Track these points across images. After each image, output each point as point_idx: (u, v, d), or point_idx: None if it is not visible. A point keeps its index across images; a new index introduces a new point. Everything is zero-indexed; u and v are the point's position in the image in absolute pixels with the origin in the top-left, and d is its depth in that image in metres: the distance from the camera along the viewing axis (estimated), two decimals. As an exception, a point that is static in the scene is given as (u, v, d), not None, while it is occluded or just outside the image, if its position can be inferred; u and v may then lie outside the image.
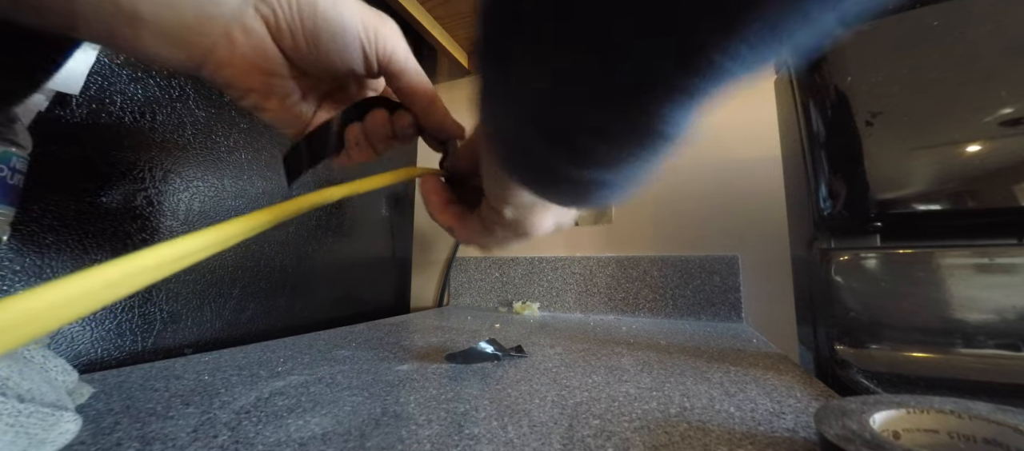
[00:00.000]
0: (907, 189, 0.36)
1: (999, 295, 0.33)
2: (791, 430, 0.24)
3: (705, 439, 0.23)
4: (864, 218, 0.38)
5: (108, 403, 0.27)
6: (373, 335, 0.53)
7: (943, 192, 0.35)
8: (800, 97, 0.44)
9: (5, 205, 0.29)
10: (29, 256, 0.36)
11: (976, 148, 0.34)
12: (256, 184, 0.56)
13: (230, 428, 0.24)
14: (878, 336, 0.36)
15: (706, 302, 0.71)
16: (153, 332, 0.44)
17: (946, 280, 0.34)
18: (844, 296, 0.37)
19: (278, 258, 0.60)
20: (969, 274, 0.34)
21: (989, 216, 0.34)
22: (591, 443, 0.22)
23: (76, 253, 0.39)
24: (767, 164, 0.71)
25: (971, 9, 0.36)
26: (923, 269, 0.35)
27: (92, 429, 0.23)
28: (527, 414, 0.26)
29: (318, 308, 0.67)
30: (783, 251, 0.67)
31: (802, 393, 0.30)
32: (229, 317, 0.52)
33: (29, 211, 0.36)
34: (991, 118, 0.34)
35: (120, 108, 0.42)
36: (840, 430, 0.20)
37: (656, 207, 0.79)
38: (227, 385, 0.31)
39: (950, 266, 0.34)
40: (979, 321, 0.33)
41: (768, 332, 0.66)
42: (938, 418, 0.22)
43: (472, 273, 0.88)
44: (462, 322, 0.65)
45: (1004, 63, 0.34)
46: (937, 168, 0.35)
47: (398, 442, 0.22)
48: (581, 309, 0.79)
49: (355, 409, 0.27)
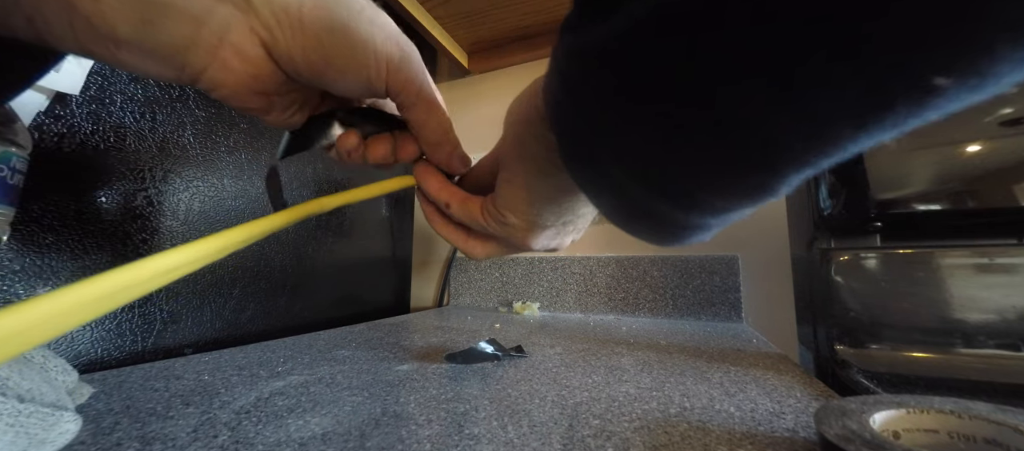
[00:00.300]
0: (907, 189, 0.36)
1: (999, 295, 0.33)
2: (791, 430, 0.24)
3: (705, 439, 0.23)
4: (864, 218, 0.38)
5: (108, 403, 0.27)
6: (373, 335, 0.53)
7: (943, 192, 0.35)
8: (800, 97, 0.44)
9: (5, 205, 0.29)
10: (29, 256, 0.36)
11: (976, 148, 0.34)
12: (256, 184, 0.56)
13: (230, 428, 0.24)
14: (878, 336, 0.36)
15: (706, 302, 0.71)
16: (153, 332, 0.44)
17: (946, 280, 0.34)
18: (844, 296, 0.37)
19: (278, 258, 0.60)
20: (969, 274, 0.34)
21: (989, 216, 0.34)
22: (591, 443, 0.22)
23: (76, 253, 0.39)
24: (767, 164, 0.71)
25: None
26: (923, 269, 0.35)
27: (92, 429, 0.23)
28: (527, 414, 0.26)
29: (318, 308, 0.67)
30: (783, 251, 0.67)
31: (802, 393, 0.30)
32: (229, 317, 0.52)
33: (29, 211, 0.36)
34: (991, 118, 0.34)
35: (120, 108, 0.42)
36: (840, 430, 0.20)
37: (656, 207, 0.79)
38: (227, 385, 0.31)
39: (950, 266, 0.34)
40: (979, 321, 0.33)
41: (768, 332, 0.66)
42: (938, 418, 0.22)
43: (472, 273, 0.88)
44: (462, 322, 0.65)
45: (1004, 63, 0.34)
46: (937, 168, 0.35)
47: (398, 442, 0.22)
48: (581, 309, 0.79)
49: (355, 409, 0.27)
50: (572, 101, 0.14)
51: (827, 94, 0.09)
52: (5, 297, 0.34)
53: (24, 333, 0.12)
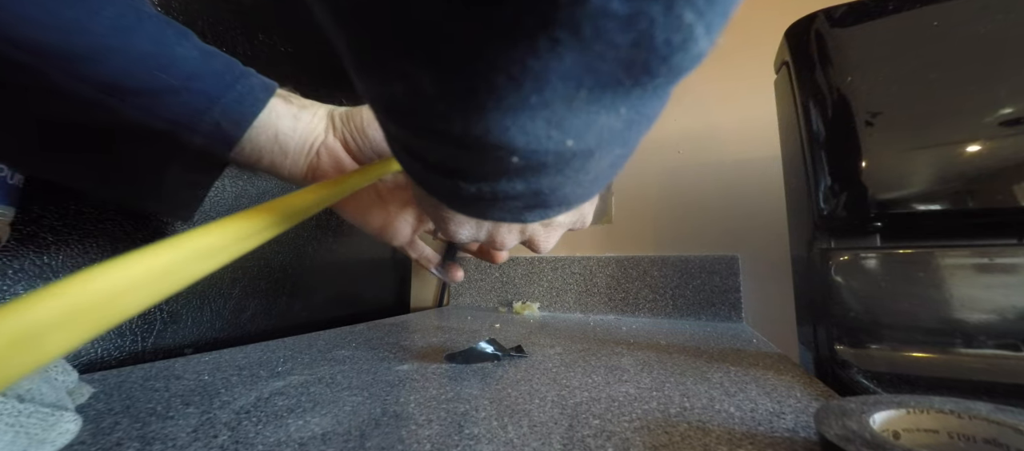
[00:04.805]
0: (907, 189, 0.36)
1: (999, 295, 0.33)
2: (791, 430, 0.24)
3: (705, 439, 0.23)
4: (864, 218, 0.38)
5: (108, 403, 0.27)
6: (373, 335, 0.53)
7: (943, 192, 0.35)
8: (800, 97, 0.44)
9: (5, 205, 0.29)
10: (29, 256, 0.36)
11: (976, 148, 0.34)
12: (256, 184, 0.56)
13: (230, 428, 0.24)
14: (878, 336, 0.36)
15: (706, 302, 0.71)
16: (153, 332, 0.44)
17: (946, 280, 0.34)
18: (844, 296, 0.37)
19: (278, 258, 0.60)
20: (969, 274, 0.34)
21: (989, 216, 0.34)
22: (591, 443, 0.22)
23: (76, 253, 0.39)
24: (767, 164, 0.71)
25: (971, 9, 0.36)
26: (923, 269, 0.35)
27: (92, 429, 0.23)
28: (527, 414, 0.26)
29: (318, 308, 0.67)
30: (783, 251, 0.67)
31: (802, 393, 0.30)
32: (229, 317, 0.52)
33: (29, 211, 0.36)
34: (991, 118, 0.34)
35: (120, 108, 0.42)
36: (840, 430, 0.20)
37: (656, 207, 0.79)
38: (227, 385, 0.31)
39: (950, 266, 0.34)
40: (979, 321, 0.33)
41: (768, 332, 0.66)
42: (938, 418, 0.22)
43: (472, 273, 0.88)
44: (462, 322, 0.65)
45: (1004, 63, 0.34)
46: (937, 168, 0.35)
47: (398, 442, 0.22)
48: (581, 309, 0.79)
49: (355, 409, 0.27)
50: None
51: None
52: (5, 297, 0.34)
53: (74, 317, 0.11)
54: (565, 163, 0.14)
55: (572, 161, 0.14)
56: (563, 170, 0.14)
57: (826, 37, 0.42)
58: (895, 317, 0.35)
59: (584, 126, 0.12)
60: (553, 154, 0.13)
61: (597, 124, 0.12)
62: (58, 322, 0.10)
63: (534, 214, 0.19)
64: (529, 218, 0.19)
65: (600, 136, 0.13)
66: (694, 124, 0.78)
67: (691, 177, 0.77)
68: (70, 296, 0.11)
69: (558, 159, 0.13)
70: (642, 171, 0.80)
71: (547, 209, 0.18)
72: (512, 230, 0.26)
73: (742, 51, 0.75)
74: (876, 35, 0.39)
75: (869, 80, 0.38)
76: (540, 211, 0.18)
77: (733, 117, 0.75)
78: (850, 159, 0.38)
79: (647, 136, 0.15)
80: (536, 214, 0.19)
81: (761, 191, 0.71)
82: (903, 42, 0.38)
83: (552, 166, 0.14)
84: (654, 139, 0.79)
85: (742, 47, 0.75)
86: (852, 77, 0.39)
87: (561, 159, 0.13)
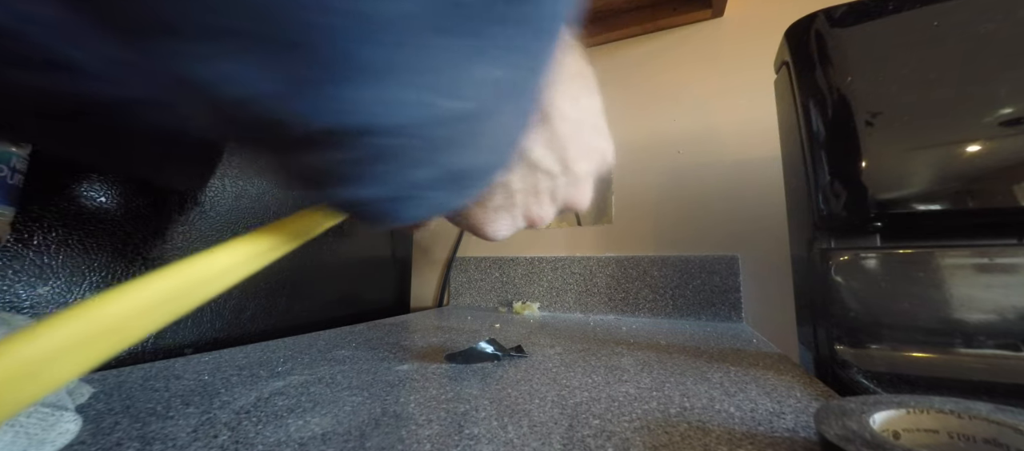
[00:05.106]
0: (907, 189, 0.36)
1: (999, 295, 0.33)
2: (791, 430, 0.24)
3: (705, 439, 0.23)
4: (864, 218, 0.38)
5: (108, 403, 0.27)
6: (373, 335, 0.53)
7: (943, 192, 0.35)
8: (800, 97, 0.44)
9: (5, 205, 0.29)
10: (29, 256, 0.36)
11: (976, 148, 0.34)
12: (256, 184, 0.56)
13: (230, 428, 0.24)
14: (878, 336, 0.36)
15: (706, 302, 0.71)
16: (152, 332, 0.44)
17: (946, 280, 0.34)
18: (844, 296, 0.37)
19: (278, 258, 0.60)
20: (969, 274, 0.34)
21: (989, 216, 0.34)
22: (591, 443, 0.22)
23: (76, 253, 0.39)
24: (767, 164, 0.71)
25: (971, 9, 0.36)
26: (923, 269, 0.35)
27: (92, 429, 0.23)
28: (527, 414, 0.26)
29: (318, 308, 0.67)
30: (783, 251, 0.67)
31: (802, 393, 0.30)
32: (229, 317, 0.52)
33: (29, 211, 0.36)
34: (991, 118, 0.34)
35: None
36: (840, 430, 0.20)
37: (656, 207, 0.79)
38: (227, 385, 0.31)
39: (950, 266, 0.34)
40: (979, 321, 0.33)
41: (768, 332, 0.66)
42: (938, 418, 0.22)
43: (472, 273, 0.88)
44: (462, 322, 0.65)
45: (1004, 63, 0.34)
46: (937, 168, 0.35)
47: (398, 442, 0.22)
48: (581, 309, 0.79)
49: (355, 409, 0.27)
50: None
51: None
52: (5, 297, 0.34)
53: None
54: (451, 131, 0.13)
55: (458, 127, 0.13)
56: (454, 140, 0.13)
57: (826, 37, 0.42)
58: (895, 317, 0.35)
59: (457, 83, 0.11)
60: (430, 123, 0.12)
61: (472, 77, 0.11)
62: (67, 349, 0.10)
63: (460, 196, 0.17)
64: (455, 203, 0.18)
65: (479, 92, 0.12)
66: (694, 124, 0.78)
67: (691, 177, 0.77)
68: (82, 322, 0.11)
69: (444, 128, 0.12)
70: (642, 171, 0.80)
71: (470, 187, 0.17)
72: (542, 202, 0.24)
73: (742, 51, 0.75)
74: (876, 35, 0.39)
75: (869, 80, 0.38)
76: (463, 190, 0.17)
77: (733, 117, 0.75)
78: (850, 159, 0.38)
79: (647, 136, 0.14)
80: (462, 195, 0.17)
81: (761, 191, 0.71)
82: (903, 42, 0.38)
83: (438, 140, 0.13)
84: (654, 139, 0.79)
85: (742, 47, 0.75)
86: (852, 77, 0.39)
87: (446, 128, 0.12)
